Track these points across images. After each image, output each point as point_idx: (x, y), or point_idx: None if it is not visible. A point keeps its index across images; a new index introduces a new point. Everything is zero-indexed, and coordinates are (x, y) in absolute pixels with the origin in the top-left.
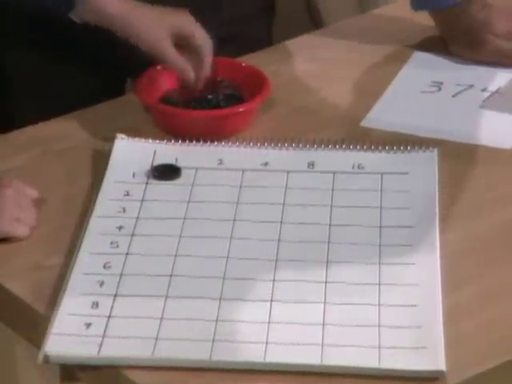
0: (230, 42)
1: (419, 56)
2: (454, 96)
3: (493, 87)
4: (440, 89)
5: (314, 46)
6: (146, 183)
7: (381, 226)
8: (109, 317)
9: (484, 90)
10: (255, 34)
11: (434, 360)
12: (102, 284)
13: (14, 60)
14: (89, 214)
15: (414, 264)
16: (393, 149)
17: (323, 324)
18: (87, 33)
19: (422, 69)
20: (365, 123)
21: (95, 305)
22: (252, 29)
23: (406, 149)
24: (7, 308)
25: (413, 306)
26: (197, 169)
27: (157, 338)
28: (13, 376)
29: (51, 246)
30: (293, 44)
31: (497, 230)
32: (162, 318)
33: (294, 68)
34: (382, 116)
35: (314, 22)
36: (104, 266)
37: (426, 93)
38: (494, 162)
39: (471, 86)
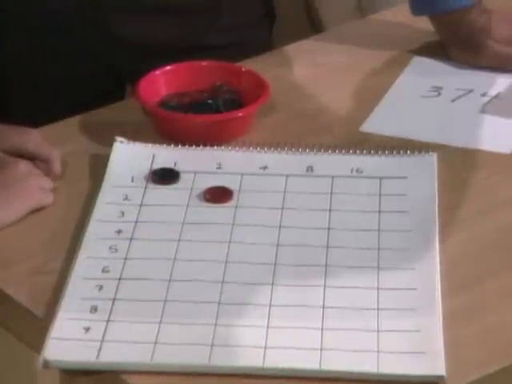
0: (230, 49)
1: (419, 61)
2: (453, 101)
3: (492, 92)
4: (440, 93)
5: (314, 50)
6: (145, 187)
7: (379, 230)
8: (107, 321)
9: (484, 94)
10: (256, 42)
11: (434, 365)
12: (100, 288)
13: (13, 64)
14: (87, 219)
15: (413, 268)
16: (392, 153)
17: (322, 329)
18: (87, 37)
19: (422, 74)
20: (364, 128)
21: (94, 309)
22: (253, 36)
23: (405, 153)
24: (6, 313)
25: (412, 310)
26: (196, 173)
27: (155, 343)
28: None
29: (50, 250)
30: (293, 49)
31: (497, 235)
32: (160, 323)
33: (293, 73)
34: (381, 121)
35: (313, 26)
36: (103, 271)
37: (426, 97)
38: (493, 166)
39: (471, 91)
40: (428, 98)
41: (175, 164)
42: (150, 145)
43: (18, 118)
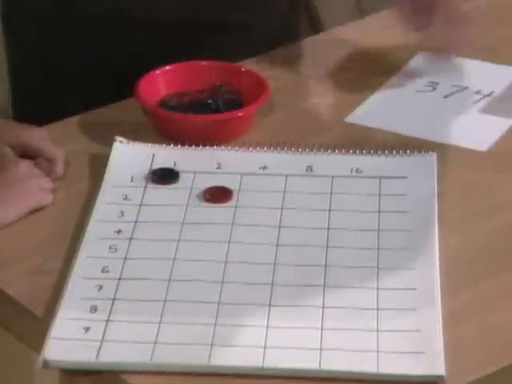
0: (239, 31)
1: (420, 57)
2: (445, 97)
3: (487, 90)
4: (434, 89)
5: (314, 50)
6: (145, 187)
7: (379, 230)
8: (107, 321)
9: (478, 92)
10: (267, 23)
11: (433, 364)
12: (100, 288)
13: (31, 64)
14: (87, 218)
15: (412, 268)
16: (391, 153)
17: (321, 328)
18: (90, 36)
19: (421, 69)
20: (349, 119)
21: (93, 309)
22: (264, 16)
23: (405, 153)
24: (6, 313)
25: (411, 310)
26: (195, 173)
27: (155, 343)
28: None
29: (50, 250)
30: (292, 48)
31: (496, 235)
32: (160, 323)
33: (293, 72)
34: (368, 113)
35: (312, 24)
36: (102, 270)
37: (420, 92)
38: (493, 166)
39: (466, 88)
40: (422, 93)
41: (175, 164)
42: (150, 145)
43: (34, 117)
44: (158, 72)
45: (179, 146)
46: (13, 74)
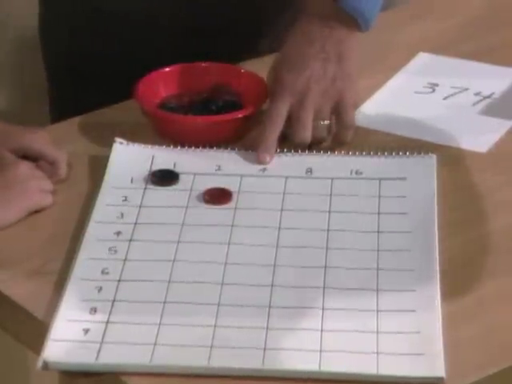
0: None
1: (419, 58)
2: (445, 98)
3: (487, 91)
4: (434, 90)
5: None
6: (145, 188)
7: (379, 232)
8: (107, 323)
9: (477, 94)
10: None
11: (433, 366)
12: (100, 290)
13: (56, 63)
14: (87, 220)
15: (412, 270)
16: (391, 154)
17: (321, 330)
18: (112, 36)
19: (421, 70)
20: None
21: (93, 310)
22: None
23: (405, 154)
24: (5, 314)
25: (411, 311)
26: (195, 174)
27: (155, 344)
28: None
29: (50, 251)
30: None
31: (496, 236)
32: (160, 324)
33: None
34: (368, 113)
35: None
36: (102, 272)
37: (419, 93)
38: (493, 167)
39: (465, 90)
40: (421, 94)
41: (174, 165)
42: (150, 146)
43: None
44: (158, 73)
45: (179, 148)
46: (48, 74)
